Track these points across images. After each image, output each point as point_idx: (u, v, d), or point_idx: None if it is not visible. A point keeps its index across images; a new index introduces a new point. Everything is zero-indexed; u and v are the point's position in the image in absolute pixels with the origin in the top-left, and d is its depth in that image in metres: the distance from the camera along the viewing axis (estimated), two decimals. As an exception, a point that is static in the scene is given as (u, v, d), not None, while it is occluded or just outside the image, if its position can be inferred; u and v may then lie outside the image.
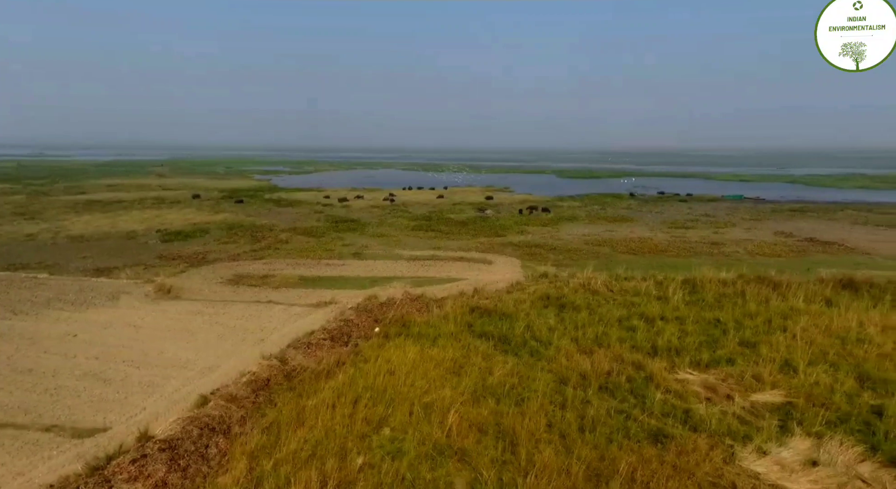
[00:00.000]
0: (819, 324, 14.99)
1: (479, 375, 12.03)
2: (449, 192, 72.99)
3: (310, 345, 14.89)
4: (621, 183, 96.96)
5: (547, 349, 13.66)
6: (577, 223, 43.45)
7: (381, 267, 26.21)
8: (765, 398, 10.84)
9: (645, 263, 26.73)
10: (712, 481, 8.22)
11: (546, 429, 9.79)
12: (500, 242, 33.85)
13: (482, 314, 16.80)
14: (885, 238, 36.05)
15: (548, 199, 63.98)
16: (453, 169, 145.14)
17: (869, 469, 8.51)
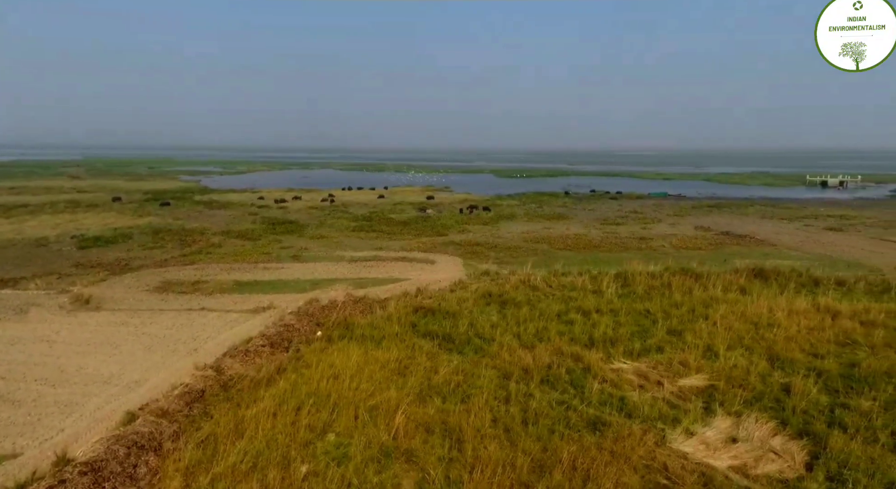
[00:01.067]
0: (735, 311, 16.24)
1: (424, 375, 12.05)
2: (389, 192, 72.53)
3: (248, 353, 14.30)
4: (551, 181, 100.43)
5: (490, 345, 13.90)
6: (516, 221, 44.51)
7: (321, 269, 25.60)
8: (691, 382, 11.62)
9: (581, 259, 27.83)
10: (646, 464, 8.69)
11: (491, 424, 9.97)
12: (442, 241, 34.05)
13: (426, 313, 16.84)
14: (787, 230, 39.70)
15: (487, 197, 65.08)
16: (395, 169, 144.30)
17: (780, 442, 9.32)
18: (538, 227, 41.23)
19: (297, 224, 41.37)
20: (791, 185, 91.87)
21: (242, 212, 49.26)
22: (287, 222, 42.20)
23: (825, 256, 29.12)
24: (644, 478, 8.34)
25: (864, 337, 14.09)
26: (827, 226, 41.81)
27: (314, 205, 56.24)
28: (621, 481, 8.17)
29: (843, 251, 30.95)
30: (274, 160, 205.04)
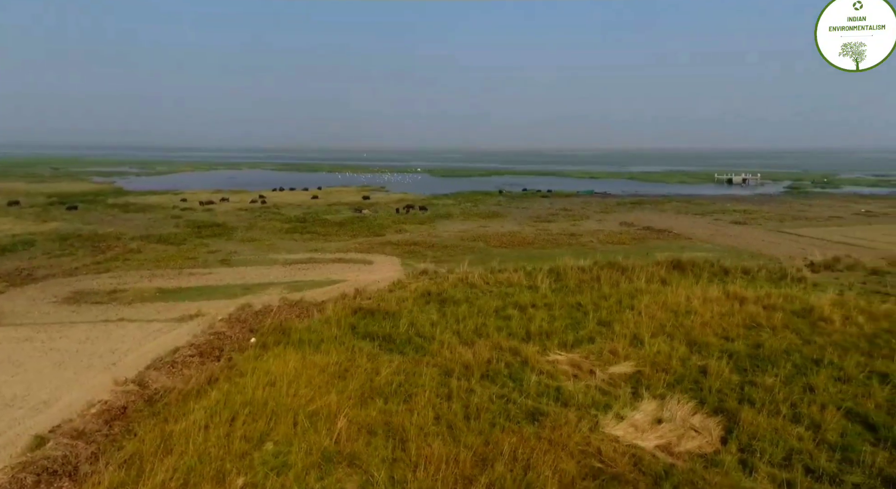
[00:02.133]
0: (658, 301, 17.39)
1: (365, 377, 11.94)
2: (324, 193, 70.84)
3: (175, 364, 13.49)
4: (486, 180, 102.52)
5: (431, 344, 14.00)
6: (452, 220, 44.98)
7: (253, 273, 24.59)
8: (620, 369, 12.33)
9: (516, 256, 28.61)
10: (582, 449, 9.13)
11: (434, 421, 10.06)
12: (380, 241, 33.78)
13: (365, 315, 16.66)
14: (700, 224, 43.00)
15: (423, 197, 65.26)
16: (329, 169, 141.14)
17: (699, 420, 10.11)
18: (474, 225, 41.90)
19: (225, 227, 39.41)
20: (702, 183, 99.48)
21: (164, 215, 46.20)
22: (214, 225, 40.10)
23: (732, 247, 31.85)
24: (580, 462, 8.75)
25: (766, 320, 15.57)
26: (733, 220, 45.70)
27: (244, 206, 53.85)
28: (559, 467, 8.52)
29: (747, 242, 34.00)
30: (198, 160, 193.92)
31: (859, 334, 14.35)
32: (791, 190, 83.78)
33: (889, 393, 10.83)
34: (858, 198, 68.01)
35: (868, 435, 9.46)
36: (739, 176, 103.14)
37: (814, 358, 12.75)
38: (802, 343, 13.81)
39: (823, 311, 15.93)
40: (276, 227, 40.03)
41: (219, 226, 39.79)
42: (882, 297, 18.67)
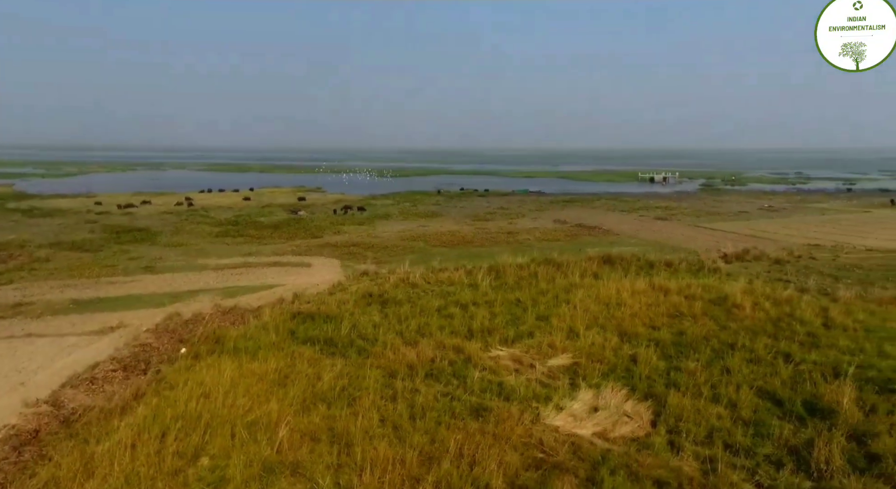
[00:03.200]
0: (591, 294, 18.23)
1: (307, 383, 11.64)
2: (256, 194, 68.13)
3: (94, 381, 12.52)
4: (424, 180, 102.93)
5: (374, 346, 13.89)
6: (391, 220, 44.76)
7: (182, 280, 23.22)
8: (558, 362, 12.83)
9: (456, 254, 28.95)
10: (524, 441, 9.42)
11: (379, 424, 9.99)
12: (318, 244, 33.00)
13: (305, 319, 16.23)
14: (627, 221, 45.55)
15: (362, 197, 64.43)
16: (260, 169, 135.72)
17: (631, 405, 10.72)
18: (414, 225, 41.92)
19: (148, 231, 36.93)
20: (627, 181, 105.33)
21: (76, 220, 42.56)
22: (135, 230, 37.47)
23: (656, 242, 34.00)
24: (523, 454, 9.03)
25: (687, 308, 16.74)
26: (656, 216, 48.76)
27: (168, 209, 50.70)
28: (504, 460, 8.75)
29: (669, 237, 36.42)
30: (113, 160, 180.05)
31: (766, 319, 15.77)
32: (705, 187, 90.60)
33: (792, 370, 11.99)
34: (762, 194, 74.76)
35: (776, 410, 10.44)
36: (660, 174, 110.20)
37: (729, 342, 13.87)
38: (719, 329, 14.99)
39: (736, 299, 17.36)
40: (205, 230, 38.03)
41: (141, 230, 37.23)
42: (784, 284, 20.64)
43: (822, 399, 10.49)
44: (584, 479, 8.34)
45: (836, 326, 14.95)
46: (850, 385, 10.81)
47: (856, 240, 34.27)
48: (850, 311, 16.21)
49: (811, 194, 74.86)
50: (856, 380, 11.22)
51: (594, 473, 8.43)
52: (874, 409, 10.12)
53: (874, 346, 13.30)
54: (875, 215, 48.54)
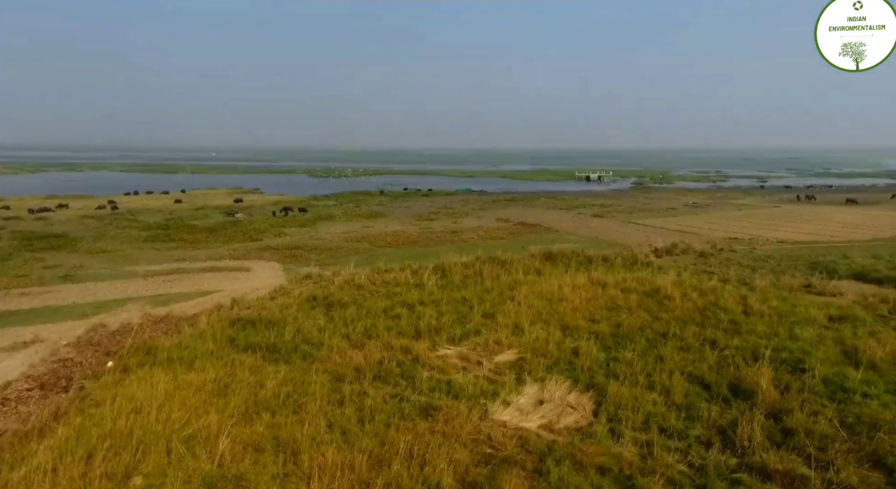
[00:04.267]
0: (534, 290, 18.74)
1: (249, 391, 11.20)
2: (189, 196, 64.70)
3: (6, 402, 11.45)
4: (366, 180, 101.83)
5: (319, 350, 13.58)
6: (334, 221, 43.92)
7: (106, 289, 21.65)
8: (504, 358, 13.09)
9: (401, 255, 28.84)
10: (473, 438, 9.55)
11: (327, 429, 9.79)
12: (257, 247, 31.81)
13: (245, 325, 15.60)
14: (566, 218, 47.21)
15: (302, 198, 62.78)
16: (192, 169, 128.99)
17: (574, 397, 11.13)
18: (357, 226, 41.35)
19: (66, 238, 34.14)
20: (565, 180, 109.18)
21: (-22, 226, 38.65)
22: (51, 236, 34.53)
23: (593, 238, 35.47)
24: (473, 451, 9.14)
25: (624, 301, 17.60)
26: (593, 213, 50.86)
27: (89, 213, 47.12)
28: (454, 458, 8.82)
29: (605, 233, 38.10)
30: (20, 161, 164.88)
31: (694, 308, 16.86)
32: (636, 186, 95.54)
33: (717, 356, 12.90)
34: (687, 192, 79.84)
35: (704, 393, 11.20)
36: (596, 173, 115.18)
37: (662, 332, 14.72)
38: (652, 319, 15.86)
39: (667, 291, 18.43)
40: (132, 235, 35.66)
41: (58, 237, 34.35)
42: (708, 276, 22.15)
43: (744, 381, 11.35)
44: (532, 471, 8.57)
45: (754, 313, 16.22)
46: (767, 367, 11.77)
47: (768, 232, 37.37)
48: (765, 299, 17.64)
49: (730, 191, 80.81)
50: (772, 361, 12.23)
51: (541, 465, 8.68)
52: (788, 388, 11.08)
53: (786, 330, 14.55)
54: (784, 210, 53.11)
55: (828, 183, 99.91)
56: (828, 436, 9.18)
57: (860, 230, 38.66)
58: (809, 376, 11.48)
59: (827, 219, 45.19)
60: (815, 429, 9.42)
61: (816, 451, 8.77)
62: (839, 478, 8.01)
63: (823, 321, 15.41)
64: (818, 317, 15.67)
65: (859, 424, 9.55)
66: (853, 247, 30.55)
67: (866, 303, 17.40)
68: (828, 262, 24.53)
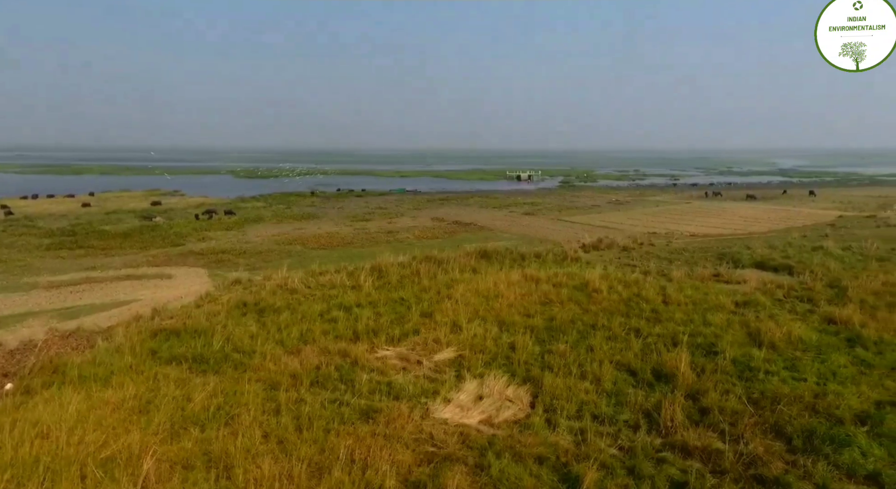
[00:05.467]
0: (471, 288, 19.04)
1: (175, 406, 10.53)
2: (98, 199, 59.65)
3: None
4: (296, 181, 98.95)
5: (252, 358, 13.01)
6: (264, 224, 42.22)
7: (2, 303, 19.47)
8: (444, 356, 13.21)
9: (336, 256, 28.26)
10: (415, 438, 9.56)
11: (262, 440, 9.41)
12: (179, 252, 29.90)
13: (169, 336, 14.63)
14: (499, 217, 48.38)
15: (228, 200, 59.79)
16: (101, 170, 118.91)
17: (512, 391, 11.44)
18: (289, 228, 40.01)
19: (-53, 246, 30.30)
20: (497, 180, 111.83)
21: None
22: (-71, 245, 30.50)
23: (526, 235, 36.61)
24: (415, 451, 9.16)
25: (555, 296, 18.31)
26: (524, 211, 52.47)
27: (-25, 219, 42.07)
28: (396, 460, 8.79)
29: (536, 230, 39.44)
30: None
31: (619, 300, 17.87)
32: (563, 184, 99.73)
33: (641, 343, 13.76)
34: (609, 190, 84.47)
35: (631, 379, 11.91)
36: (525, 173, 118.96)
37: (591, 323, 15.47)
38: (582, 312, 16.63)
39: (595, 284, 19.39)
40: (31, 242, 32.31)
41: (-63, 245, 30.39)
42: (631, 269, 23.56)
43: (666, 366, 12.19)
44: (474, 466, 8.72)
45: (672, 302, 17.46)
46: (685, 351, 12.71)
47: (682, 227, 40.36)
48: (681, 289, 19.05)
49: (647, 189, 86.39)
50: (689, 346, 13.23)
51: (482, 459, 8.85)
52: (703, 370, 12.04)
53: (700, 317, 15.79)
54: (694, 206, 57.55)
55: (730, 180, 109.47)
56: (738, 412, 10.08)
57: (758, 223, 42.72)
58: (721, 358, 12.55)
59: (731, 213, 49.52)
60: (726, 406, 10.31)
61: (729, 427, 9.61)
62: (748, 449, 8.82)
63: (731, 307, 16.88)
64: (726, 303, 17.14)
65: (763, 399, 10.56)
66: (753, 238, 33.71)
67: (765, 289, 19.24)
68: (733, 253, 26.88)
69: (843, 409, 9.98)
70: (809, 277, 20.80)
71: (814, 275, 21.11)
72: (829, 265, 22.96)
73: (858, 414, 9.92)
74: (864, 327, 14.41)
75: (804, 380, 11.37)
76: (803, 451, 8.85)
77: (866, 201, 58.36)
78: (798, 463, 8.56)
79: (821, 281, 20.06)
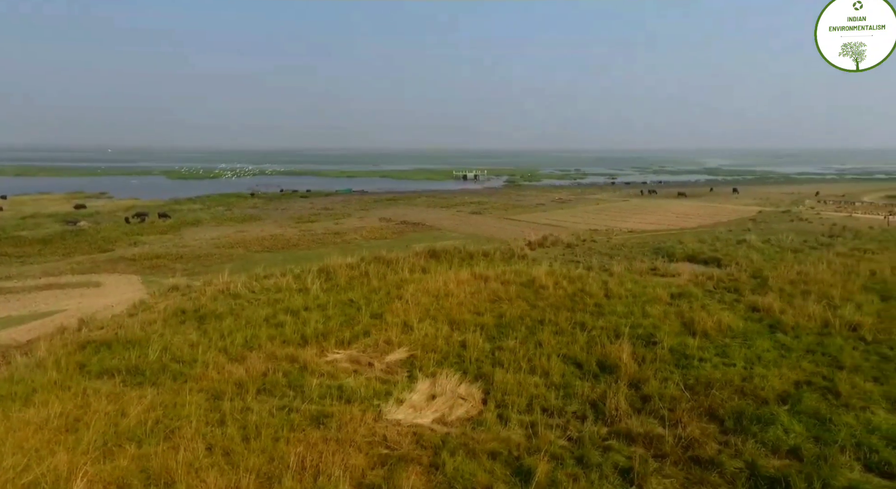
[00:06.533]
0: (421, 288, 19.04)
1: (107, 422, 9.84)
2: (13, 202, 54.83)
3: None
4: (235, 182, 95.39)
5: (193, 368, 12.38)
6: (203, 226, 40.32)
7: None
8: (396, 357, 13.13)
9: (281, 259, 27.42)
10: (369, 441, 9.45)
11: (206, 453, 8.98)
12: (108, 258, 28.01)
13: (99, 348, 13.65)
14: (446, 216, 48.69)
15: (162, 202, 56.62)
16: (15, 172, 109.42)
17: (464, 388, 11.55)
18: (230, 230, 38.41)
19: None
20: (444, 179, 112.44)
21: None
22: None
23: (473, 234, 37.04)
24: (368, 454, 9.05)
25: (504, 293, 18.65)
26: (471, 210, 53.06)
27: None
28: (349, 464, 8.65)
29: (484, 229, 40.01)
30: None
31: (565, 295, 18.45)
32: (509, 184, 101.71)
33: (586, 336, 14.27)
34: (553, 189, 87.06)
35: (578, 372, 12.33)
36: (472, 172, 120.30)
37: (539, 319, 15.88)
38: (530, 308, 17.03)
39: (542, 281, 19.92)
40: (-69, 250, 29.17)
41: None
42: (575, 265, 24.40)
43: (610, 357, 12.72)
44: (428, 465, 8.73)
45: (613, 296, 18.23)
46: (627, 343, 13.31)
47: (621, 224, 42.23)
48: (622, 283, 19.93)
49: (588, 188, 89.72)
50: (630, 338, 13.87)
51: (436, 458, 8.88)
52: (644, 360, 12.66)
53: (640, 309, 16.59)
54: (632, 203, 60.38)
55: (663, 179, 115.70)
56: (676, 398, 10.68)
57: (689, 219, 45.42)
58: (659, 348, 13.24)
59: (665, 210, 52.33)
60: (666, 393, 10.89)
61: (668, 412, 10.15)
62: (685, 433, 9.36)
63: (667, 299, 17.84)
64: (663, 295, 18.10)
65: (698, 385, 11.25)
66: (685, 233, 35.81)
67: (697, 281, 20.50)
68: (667, 248, 28.45)
69: (768, 390, 10.81)
70: (735, 269, 22.36)
71: (739, 266, 22.71)
72: (751, 257, 24.77)
73: (780, 394, 10.78)
74: (783, 313, 15.65)
75: (733, 366, 12.21)
76: (734, 432, 9.50)
77: (781, 197, 63.43)
78: (730, 442, 9.18)
79: (745, 272, 21.60)
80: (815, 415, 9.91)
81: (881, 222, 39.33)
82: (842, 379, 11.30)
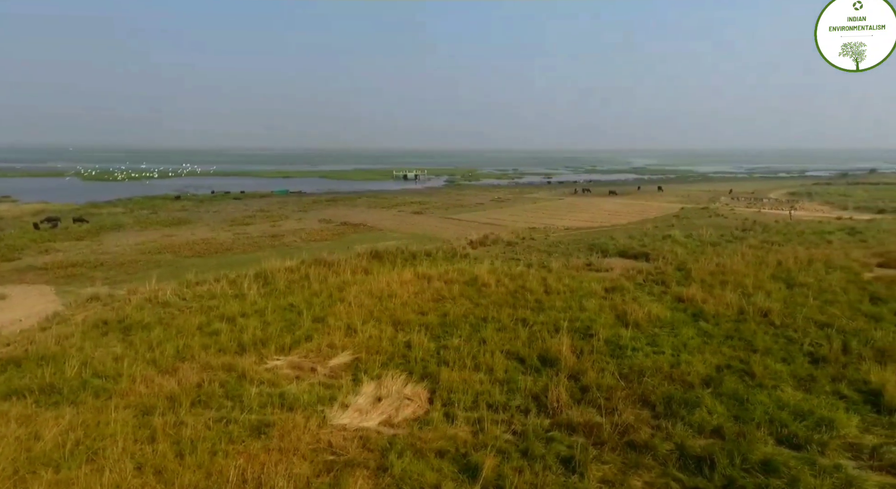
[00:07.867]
0: (364, 289, 18.81)
1: (18, 447, 8.98)
2: None
3: None
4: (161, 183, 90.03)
5: (117, 383, 11.54)
6: (125, 231, 37.63)
7: None
8: (339, 361, 12.89)
9: (215, 264, 26.11)
10: (313, 448, 9.22)
11: (136, 472, 8.41)
12: (14, 268, 25.52)
13: (6, 366, 12.42)
14: (388, 217, 48.37)
15: (77, 206, 52.32)
16: None
17: (410, 389, 11.53)
18: (157, 235, 36.09)
19: None
20: (384, 179, 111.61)
21: None
22: None
23: (415, 234, 37.03)
24: (313, 461, 8.83)
25: (448, 292, 18.80)
26: (413, 210, 53.00)
27: None
28: (293, 473, 8.41)
29: (426, 229, 40.09)
30: None
31: (507, 292, 18.88)
32: (449, 183, 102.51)
33: (528, 332, 14.67)
34: (492, 188, 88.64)
35: (521, 367, 12.65)
36: (413, 172, 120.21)
37: (482, 316, 16.14)
38: (474, 306, 17.28)
39: (484, 279, 20.26)
40: None
41: None
42: (515, 262, 25.01)
43: (550, 351, 13.14)
44: (376, 469, 8.65)
45: (553, 291, 18.86)
46: (566, 336, 13.82)
47: (557, 221, 43.75)
48: (560, 278, 20.66)
49: (526, 187, 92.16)
50: (569, 331, 14.40)
51: (384, 460, 8.82)
52: (582, 352, 13.20)
53: (577, 303, 17.27)
54: (567, 202, 62.71)
55: (594, 178, 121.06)
56: (612, 387, 11.22)
57: (620, 216, 47.81)
58: (596, 339, 13.86)
59: (597, 208, 54.77)
60: (602, 383, 11.42)
61: (605, 401, 10.65)
62: (621, 419, 9.86)
63: (602, 293, 18.70)
64: (598, 289, 18.96)
65: (632, 373, 11.88)
66: (616, 230, 37.66)
67: (629, 275, 21.63)
68: (601, 244, 29.79)
69: (693, 375, 11.60)
70: (662, 262, 23.80)
71: (665, 260, 24.20)
72: (676, 251, 26.47)
73: (704, 378, 11.60)
74: (705, 303, 16.85)
75: (662, 353, 12.99)
76: (665, 416, 10.13)
77: (700, 195, 68.15)
78: (661, 426, 9.77)
79: (671, 265, 23.05)
80: (734, 396, 10.74)
81: (785, 217, 43.26)
82: (756, 361, 12.32)
